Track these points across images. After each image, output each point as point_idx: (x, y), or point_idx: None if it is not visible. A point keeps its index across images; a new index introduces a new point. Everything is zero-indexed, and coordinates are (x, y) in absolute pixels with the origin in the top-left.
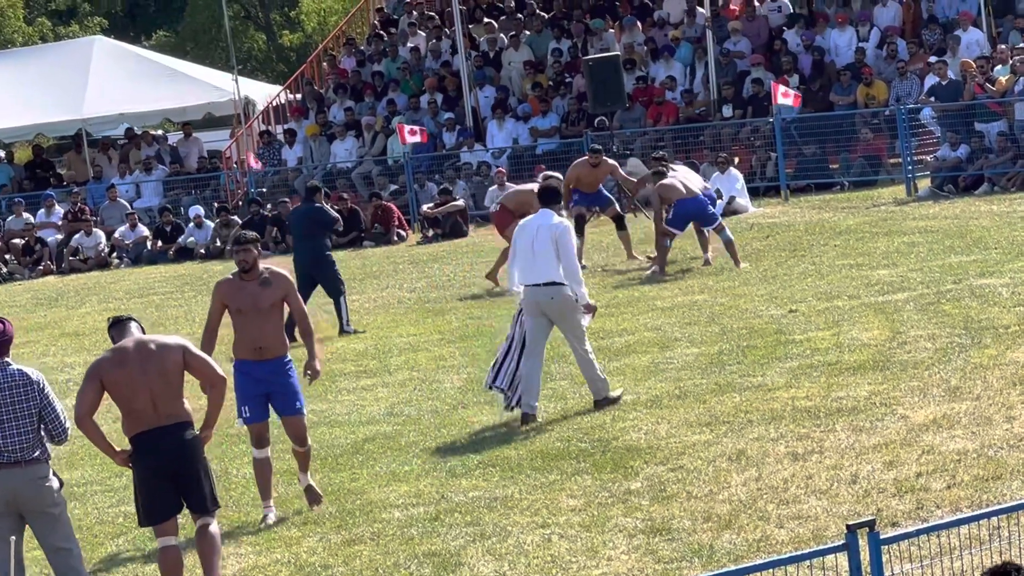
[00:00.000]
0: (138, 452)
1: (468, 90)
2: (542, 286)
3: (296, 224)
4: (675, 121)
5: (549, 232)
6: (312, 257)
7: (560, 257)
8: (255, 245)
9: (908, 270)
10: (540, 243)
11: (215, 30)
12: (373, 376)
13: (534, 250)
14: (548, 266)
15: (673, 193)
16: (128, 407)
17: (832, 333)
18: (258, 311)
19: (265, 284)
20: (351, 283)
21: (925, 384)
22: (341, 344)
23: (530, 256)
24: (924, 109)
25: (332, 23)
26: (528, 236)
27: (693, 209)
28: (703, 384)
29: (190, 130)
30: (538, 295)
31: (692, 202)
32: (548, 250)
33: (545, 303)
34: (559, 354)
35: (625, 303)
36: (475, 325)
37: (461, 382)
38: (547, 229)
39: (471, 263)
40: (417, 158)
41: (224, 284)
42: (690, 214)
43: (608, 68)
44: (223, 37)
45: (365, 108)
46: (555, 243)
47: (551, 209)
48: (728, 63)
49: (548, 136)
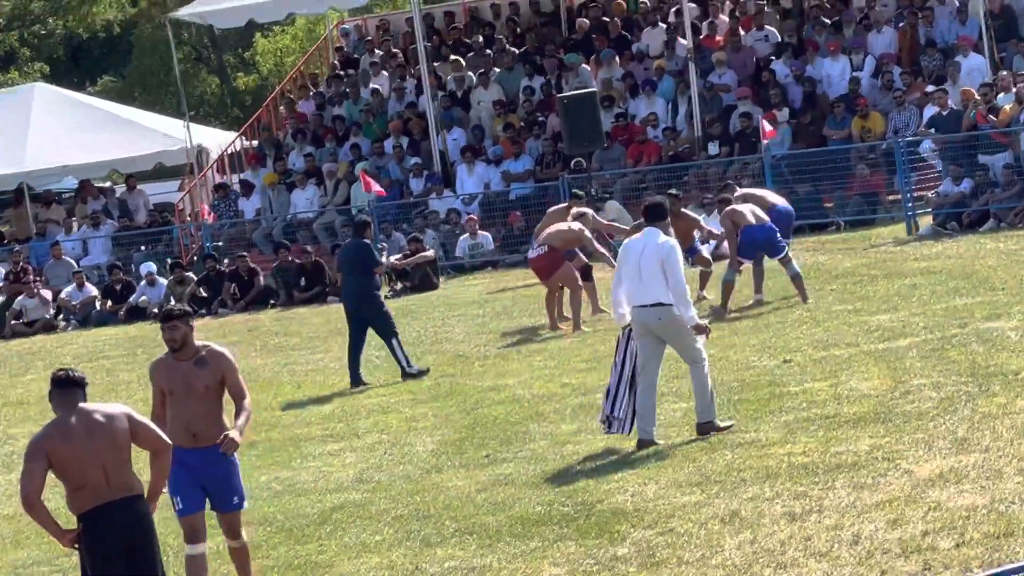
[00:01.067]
0: (90, 529)
1: (435, 133)
2: (649, 307)
3: (343, 261)
4: (657, 161)
5: (656, 252)
6: (357, 296)
7: (667, 277)
8: (185, 320)
9: (910, 314)
10: (647, 263)
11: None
12: (340, 440)
13: (641, 270)
14: (655, 287)
15: (742, 219)
16: (78, 482)
17: (830, 384)
18: (192, 393)
19: (201, 364)
20: (314, 341)
21: (930, 436)
22: (306, 407)
23: (636, 277)
24: (924, 141)
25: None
26: (634, 256)
27: (761, 237)
28: (692, 442)
29: (134, 182)
30: (645, 316)
31: (760, 230)
32: (655, 270)
33: (653, 324)
34: (537, 412)
35: (606, 356)
36: (448, 384)
37: (435, 445)
38: (654, 248)
39: (443, 317)
40: (383, 206)
41: (157, 365)
42: (758, 243)
43: (584, 106)
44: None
45: (326, 154)
46: (662, 263)
47: (658, 227)
48: (713, 97)
49: (522, 180)
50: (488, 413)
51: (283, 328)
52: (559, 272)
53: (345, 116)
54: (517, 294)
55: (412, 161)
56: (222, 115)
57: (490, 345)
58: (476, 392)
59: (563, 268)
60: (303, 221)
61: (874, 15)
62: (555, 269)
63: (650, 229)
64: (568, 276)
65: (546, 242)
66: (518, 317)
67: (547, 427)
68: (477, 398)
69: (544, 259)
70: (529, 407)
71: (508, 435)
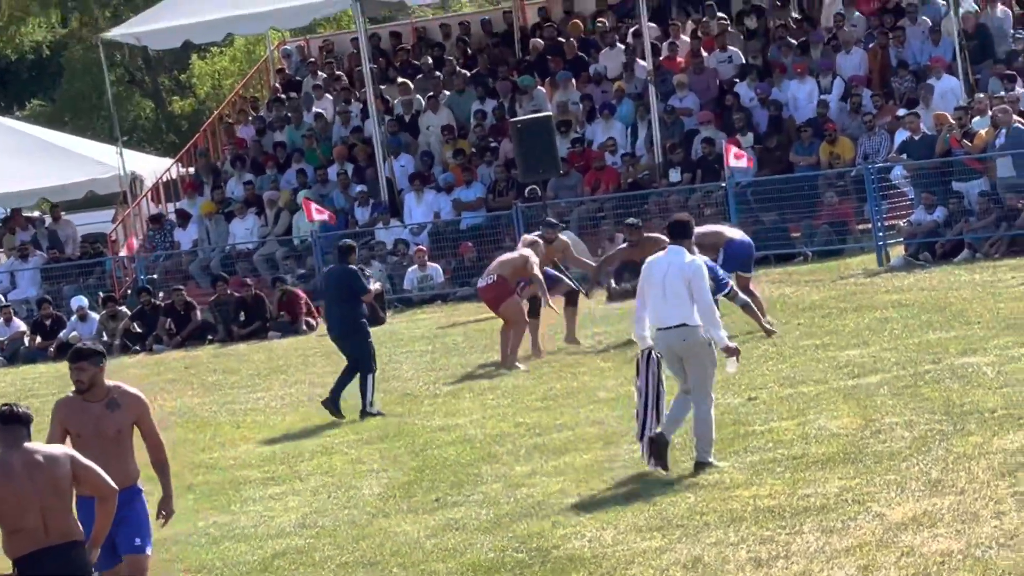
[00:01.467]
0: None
1: (382, 159)
2: (673, 328)
3: (328, 286)
4: (616, 188)
5: (681, 271)
6: (342, 325)
7: (694, 297)
8: (94, 360)
9: (881, 349)
10: (672, 283)
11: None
12: (282, 483)
13: (665, 291)
14: (680, 307)
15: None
16: (15, 525)
17: (797, 423)
18: (102, 437)
19: (112, 406)
20: (254, 379)
21: (902, 477)
22: (245, 448)
23: (660, 297)
24: (895, 168)
25: (227, 87)
26: (658, 276)
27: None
28: (653, 484)
29: (59, 212)
30: (669, 339)
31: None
32: (680, 290)
33: (677, 346)
34: (489, 454)
35: (563, 394)
36: (396, 423)
37: (381, 488)
38: (679, 268)
39: (390, 354)
40: (326, 237)
41: (63, 404)
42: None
43: (539, 130)
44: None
45: (267, 182)
46: (688, 283)
47: (682, 246)
48: (674, 121)
49: (473, 209)
50: (438, 454)
51: (221, 365)
52: (505, 304)
53: (287, 142)
54: (468, 329)
55: (357, 189)
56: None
57: (440, 383)
58: (425, 432)
59: (510, 300)
60: (242, 252)
61: (843, 35)
62: (502, 300)
63: (674, 247)
64: (513, 309)
65: (495, 271)
66: (469, 353)
67: (500, 469)
68: (426, 438)
69: (492, 289)
70: (481, 448)
71: (459, 477)
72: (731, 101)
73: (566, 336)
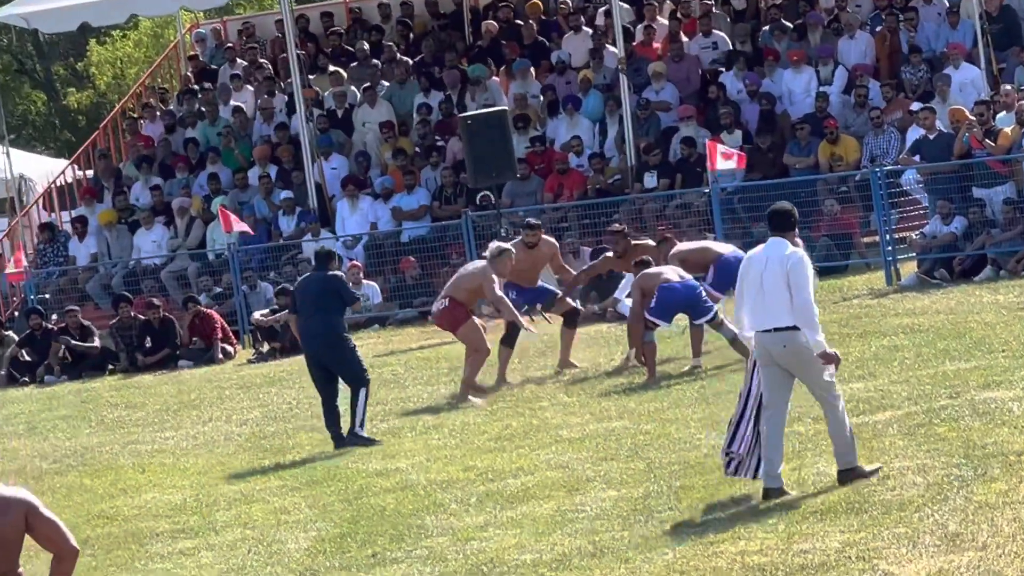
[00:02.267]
0: None
1: (310, 161)
2: (772, 332)
3: (306, 296)
4: (582, 195)
5: (781, 265)
6: (325, 339)
7: (792, 294)
8: None
9: (890, 382)
10: (770, 279)
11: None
12: (194, 536)
13: (763, 288)
14: (779, 307)
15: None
16: None
17: (792, 467)
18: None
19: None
20: (162, 415)
21: (915, 531)
22: (151, 496)
23: (759, 296)
24: (906, 171)
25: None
26: (756, 272)
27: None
28: (625, 538)
29: None
30: (768, 342)
31: (681, 288)
32: (779, 287)
33: (777, 352)
34: (434, 502)
35: (520, 433)
36: (326, 467)
37: (309, 542)
38: (778, 262)
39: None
40: (246, 250)
41: None
42: (679, 303)
43: (493, 128)
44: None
45: (177, 187)
46: (787, 277)
47: (784, 237)
48: (649, 117)
49: (416, 218)
50: (375, 502)
51: (124, 399)
52: (462, 329)
53: (200, 140)
54: (410, 358)
55: (282, 195)
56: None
57: (377, 420)
58: (360, 477)
59: (467, 324)
60: (148, 268)
61: (845, 17)
62: (459, 324)
63: (774, 240)
64: (472, 335)
65: (448, 293)
66: (411, 386)
67: (447, 520)
68: (361, 484)
69: (446, 315)
70: (425, 495)
71: (399, 530)
72: (716, 94)
73: (560, 361)
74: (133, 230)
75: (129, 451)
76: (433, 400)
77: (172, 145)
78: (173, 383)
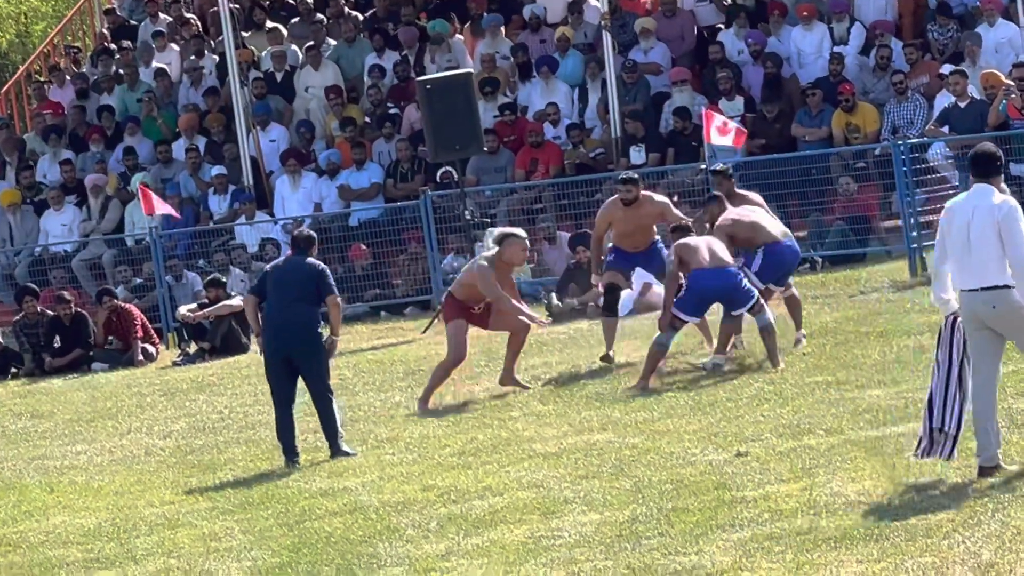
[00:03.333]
0: None
1: (245, 132)
2: (980, 291)
3: (282, 282)
4: (559, 171)
5: (990, 215)
6: (302, 334)
7: (1006, 246)
8: None
9: (914, 388)
10: (978, 231)
11: None
12: (110, 566)
13: (969, 242)
14: (988, 264)
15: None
16: None
17: (802, 487)
18: None
19: None
20: (73, 426)
21: (943, 560)
22: (61, 519)
23: (964, 250)
24: (934, 144)
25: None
26: (961, 222)
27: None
28: (609, 568)
29: None
30: (975, 303)
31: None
32: (988, 241)
33: (985, 313)
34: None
35: (488, 448)
36: (263, 487)
37: (244, 573)
38: (986, 212)
39: (255, 392)
40: (171, 235)
41: None
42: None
43: (456, 93)
44: None
45: (91, 162)
46: (998, 227)
47: (989, 183)
48: (637, 81)
49: (367, 198)
50: (319, 527)
51: (29, 407)
52: (448, 327)
53: (117, 108)
54: (360, 359)
55: (213, 171)
56: None
57: (322, 432)
58: (303, 498)
59: (453, 323)
60: (58, 256)
61: None
62: (447, 320)
63: (979, 187)
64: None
65: (452, 287)
66: (360, 392)
67: (403, 548)
68: (304, 506)
69: (443, 308)
70: (378, 519)
71: (348, 559)
72: (714, 54)
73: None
74: (40, 212)
75: (35, 467)
76: (387, 409)
77: (85, 113)
78: (86, 389)
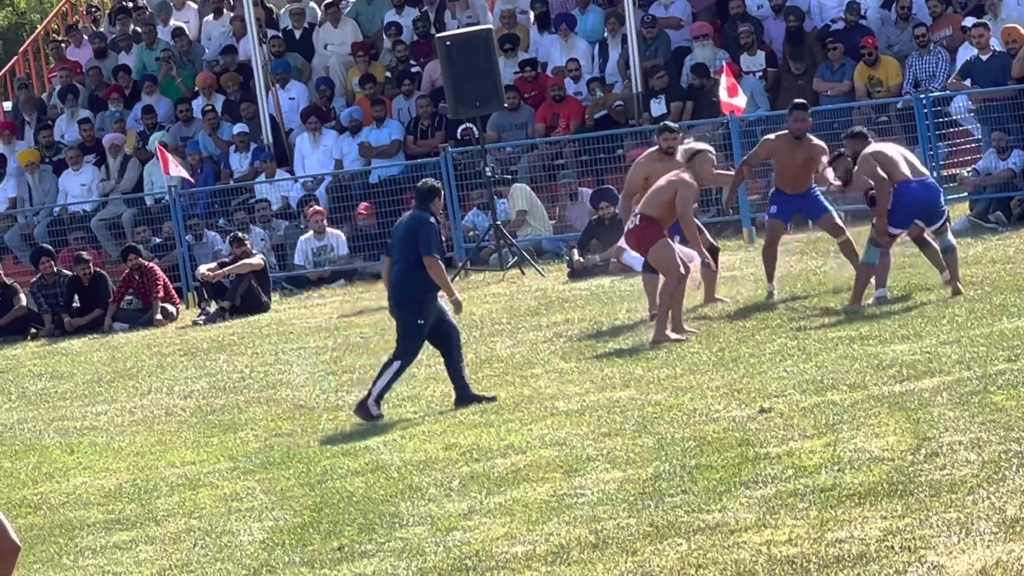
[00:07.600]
0: None
1: (264, 90)
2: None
3: (394, 239)
4: (580, 127)
5: None
6: (397, 292)
7: None
8: None
9: (939, 343)
10: None
11: None
12: (132, 527)
13: None
14: None
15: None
16: None
17: (825, 443)
18: None
19: None
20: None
21: (968, 516)
22: (81, 480)
23: None
24: (956, 98)
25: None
26: None
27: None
28: (631, 526)
29: None
30: None
31: (921, 187)
32: None
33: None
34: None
35: (510, 406)
36: (285, 446)
37: (265, 533)
38: None
39: (275, 351)
40: (190, 193)
41: None
42: (918, 204)
43: (476, 50)
44: None
45: (109, 121)
46: None
47: None
48: (657, 36)
49: (387, 155)
50: (341, 487)
51: (49, 368)
52: (653, 249)
53: (135, 67)
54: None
55: (234, 129)
56: None
57: (344, 391)
58: (324, 457)
59: (658, 244)
60: (77, 215)
61: None
62: (650, 244)
63: None
64: (663, 256)
65: (640, 210)
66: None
67: (425, 507)
68: (325, 466)
69: (635, 234)
70: (400, 479)
71: (370, 519)
72: (735, 8)
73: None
74: (59, 171)
75: (55, 429)
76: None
77: (103, 73)
78: (106, 348)
